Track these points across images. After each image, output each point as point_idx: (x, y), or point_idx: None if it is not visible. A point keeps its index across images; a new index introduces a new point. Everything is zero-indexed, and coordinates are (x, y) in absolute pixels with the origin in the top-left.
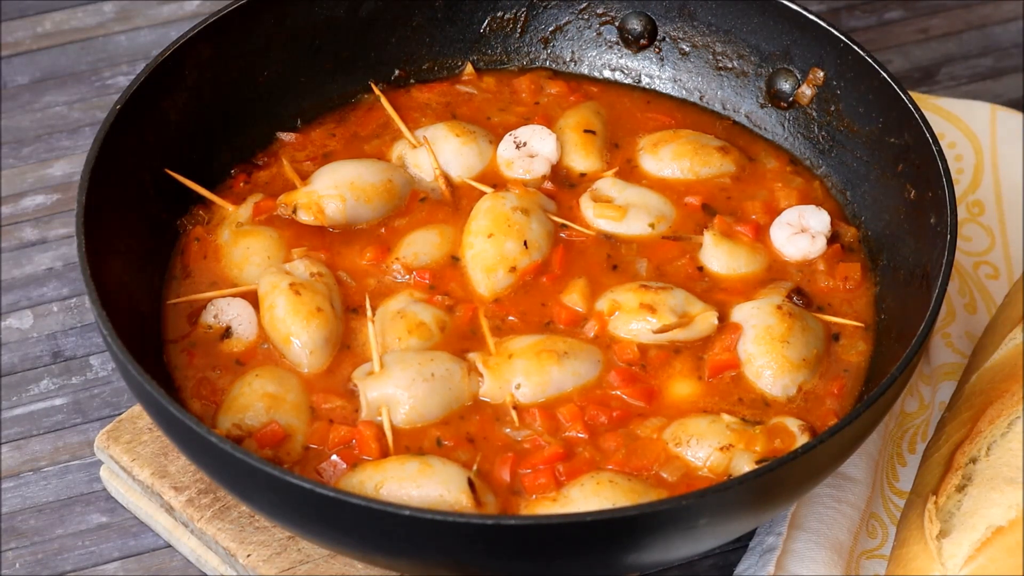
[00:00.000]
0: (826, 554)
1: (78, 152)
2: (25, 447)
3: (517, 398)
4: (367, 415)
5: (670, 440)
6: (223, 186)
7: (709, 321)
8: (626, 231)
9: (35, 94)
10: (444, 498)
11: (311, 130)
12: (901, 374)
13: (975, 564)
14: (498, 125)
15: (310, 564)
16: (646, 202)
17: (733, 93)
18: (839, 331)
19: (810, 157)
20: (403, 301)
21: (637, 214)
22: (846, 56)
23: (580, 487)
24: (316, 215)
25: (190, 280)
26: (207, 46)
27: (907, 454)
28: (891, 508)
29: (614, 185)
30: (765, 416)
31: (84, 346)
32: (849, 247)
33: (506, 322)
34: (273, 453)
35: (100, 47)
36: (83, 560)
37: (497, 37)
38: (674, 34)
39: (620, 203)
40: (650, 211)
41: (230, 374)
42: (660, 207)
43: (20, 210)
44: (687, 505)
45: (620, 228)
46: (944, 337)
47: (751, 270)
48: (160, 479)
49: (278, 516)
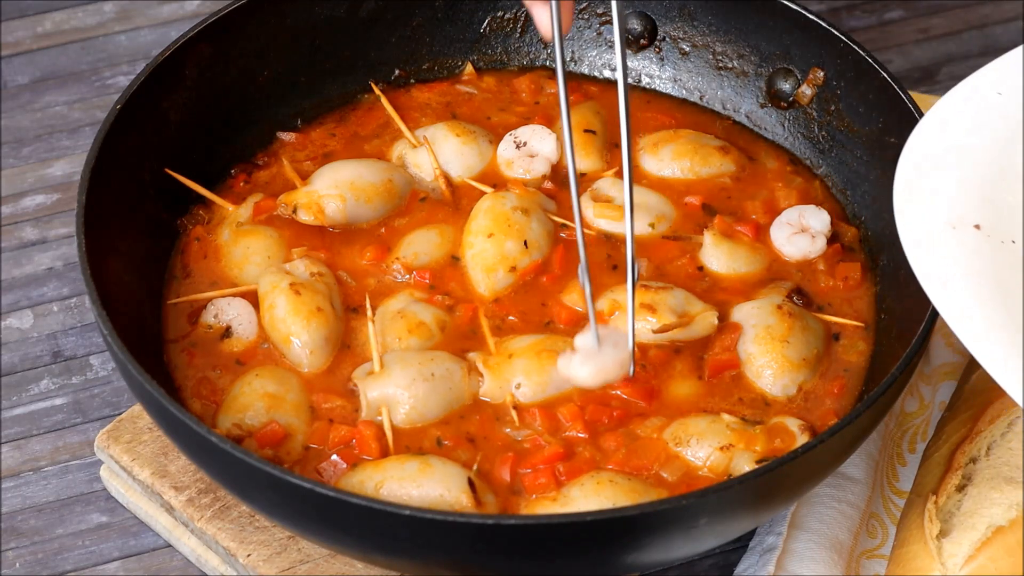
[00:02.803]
0: (826, 554)
1: (78, 152)
2: (25, 447)
3: (517, 398)
4: (367, 415)
5: (670, 440)
6: (223, 186)
7: (709, 321)
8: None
9: (35, 94)
10: (444, 498)
11: (311, 130)
12: (901, 374)
13: (975, 564)
14: (498, 125)
15: (310, 564)
16: (646, 202)
17: (733, 93)
18: (839, 331)
19: (810, 157)
20: (403, 301)
21: (637, 214)
22: (846, 56)
23: (580, 487)
24: (316, 215)
25: (190, 280)
26: (207, 46)
27: (907, 454)
28: (891, 508)
29: (614, 185)
30: (765, 416)
31: (84, 346)
32: (849, 247)
33: (506, 322)
34: (273, 453)
35: (100, 47)
36: (83, 560)
37: (497, 37)
38: (674, 34)
39: (620, 203)
40: (650, 211)
41: (230, 374)
42: (660, 207)
43: (20, 210)
44: (687, 505)
45: (620, 228)
46: (944, 337)
47: (751, 270)
48: (160, 479)
49: (278, 516)
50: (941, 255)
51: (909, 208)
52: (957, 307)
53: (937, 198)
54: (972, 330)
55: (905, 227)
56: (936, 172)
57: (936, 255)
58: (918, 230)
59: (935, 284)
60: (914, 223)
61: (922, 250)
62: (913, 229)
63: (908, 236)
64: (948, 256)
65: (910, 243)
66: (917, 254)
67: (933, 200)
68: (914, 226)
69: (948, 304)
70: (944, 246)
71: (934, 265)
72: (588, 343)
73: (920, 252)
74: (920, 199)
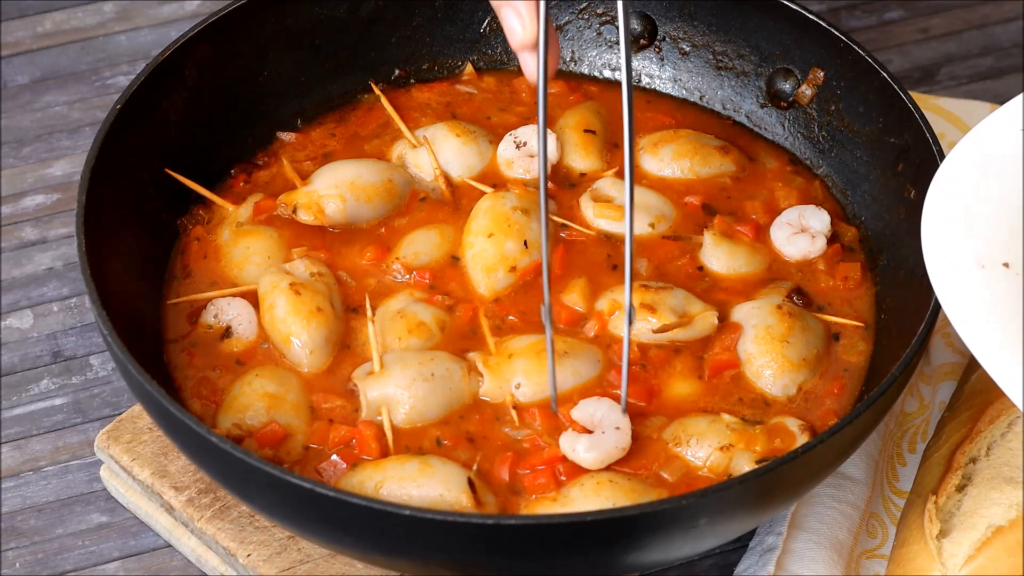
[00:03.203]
0: (826, 554)
1: (78, 152)
2: (25, 447)
3: (517, 398)
4: (367, 415)
5: (670, 440)
6: (223, 186)
7: (709, 321)
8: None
9: (35, 94)
10: (444, 498)
11: (311, 130)
12: (901, 374)
13: (975, 564)
14: (498, 125)
15: (310, 564)
16: (646, 202)
17: (733, 93)
18: (839, 331)
19: (810, 157)
20: (403, 301)
21: (637, 214)
22: (846, 56)
23: (580, 487)
24: (316, 215)
25: (190, 280)
26: (207, 46)
27: (907, 454)
28: (891, 508)
29: (614, 185)
30: (765, 416)
31: (84, 346)
32: (849, 247)
33: (506, 322)
34: (273, 453)
35: (100, 47)
36: (83, 560)
37: (497, 37)
38: (674, 34)
39: (620, 203)
40: (650, 211)
41: (230, 374)
42: (660, 207)
43: (20, 210)
44: (687, 505)
45: (620, 228)
46: (944, 337)
47: (751, 270)
48: (160, 479)
49: (278, 516)
50: (970, 293)
51: (937, 247)
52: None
53: (965, 237)
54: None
55: (934, 267)
56: (963, 212)
57: (966, 294)
58: (947, 269)
59: (964, 321)
60: (943, 263)
61: (952, 289)
62: (942, 269)
63: (938, 276)
64: (978, 295)
65: (940, 283)
66: (947, 294)
67: (961, 238)
68: (943, 266)
69: (982, 346)
70: (973, 284)
71: (964, 304)
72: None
73: (950, 291)
74: (948, 238)
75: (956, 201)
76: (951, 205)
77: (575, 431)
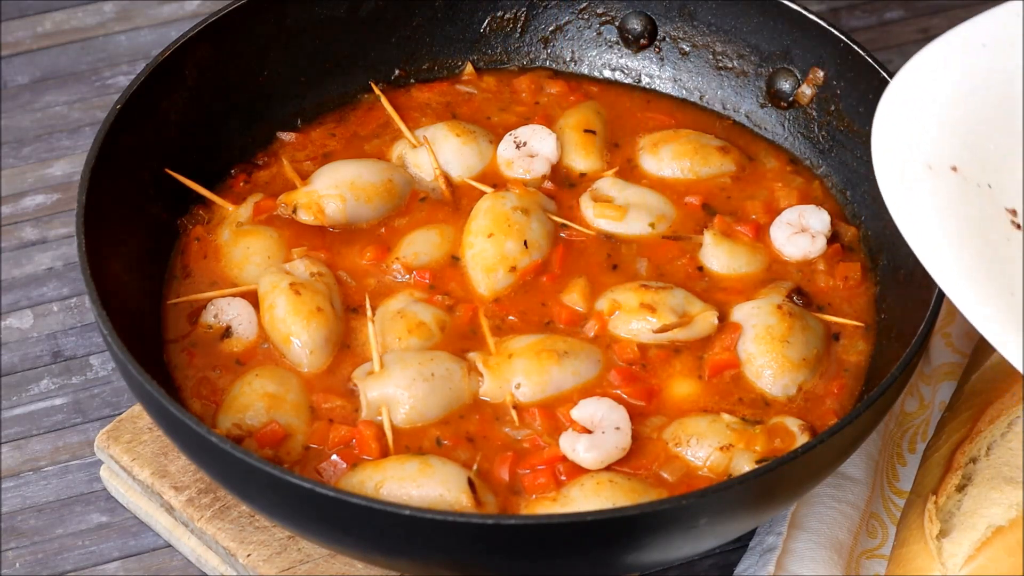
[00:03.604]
0: (826, 554)
1: (78, 152)
2: (25, 447)
3: (517, 398)
4: (367, 415)
5: (670, 440)
6: (223, 186)
7: (709, 321)
8: (626, 231)
9: (35, 94)
10: (444, 498)
11: (311, 130)
12: (901, 374)
13: (975, 564)
14: (498, 125)
15: (310, 564)
16: (646, 202)
17: (733, 93)
18: (839, 331)
19: (810, 157)
20: (403, 301)
21: (637, 214)
22: (846, 56)
23: (580, 487)
24: (316, 215)
25: (190, 280)
26: (207, 46)
27: (907, 454)
28: (891, 508)
29: (614, 185)
30: (765, 416)
31: (84, 346)
32: (849, 247)
33: (506, 322)
34: (273, 453)
35: (100, 47)
36: (83, 560)
37: (497, 37)
38: (674, 34)
39: (620, 203)
40: (650, 211)
41: (230, 374)
42: (660, 207)
43: (20, 210)
44: (687, 505)
45: (620, 228)
46: (944, 337)
47: (751, 270)
48: (160, 479)
49: (278, 516)
50: (917, 193)
51: (887, 147)
52: (931, 247)
53: (916, 139)
54: (943, 267)
55: (882, 166)
56: (917, 114)
57: (912, 193)
58: (895, 169)
59: (911, 224)
60: (892, 162)
61: (898, 188)
62: (890, 168)
63: (885, 175)
64: (923, 195)
65: (886, 181)
66: (893, 192)
67: (912, 140)
68: (891, 165)
69: (922, 244)
70: (920, 185)
71: (908, 202)
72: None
73: (896, 190)
74: (899, 139)
75: (909, 105)
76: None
77: (575, 431)
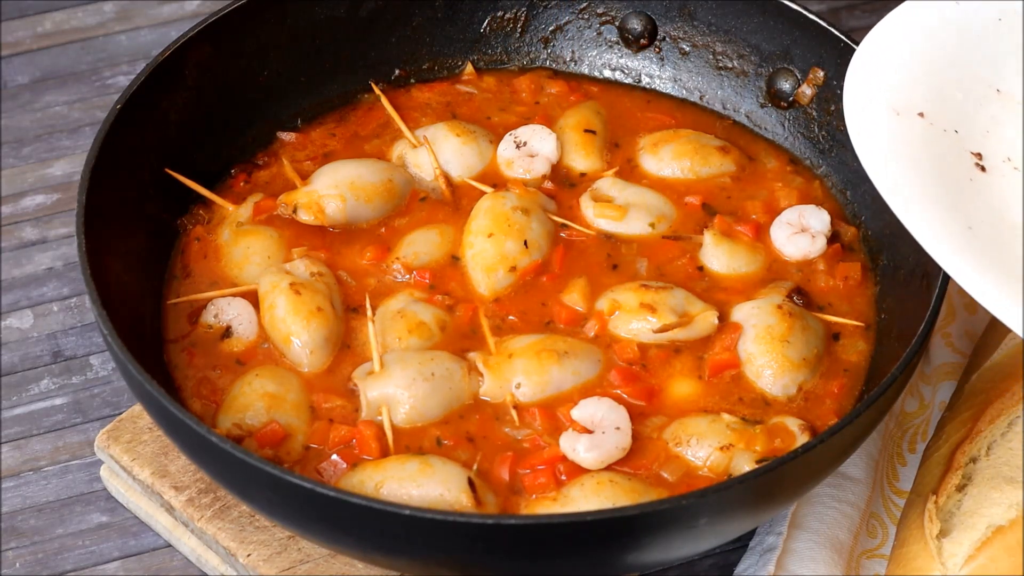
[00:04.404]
0: (826, 554)
1: (78, 152)
2: (25, 447)
3: (517, 397)
4: (367, 415)
5: (670, 440)
6: (223, 186)
7: (709, 321)
8: (626, 231)
9: (35, 94)
10: (444, 497)
11: (311, 130)
12: (901, 374)
13: (975, 564)
14: (498, 125)
15: (310, 564)
16: (646, 202)
17: (733, 93)
18: (839, 331)
19: (810, 157)
20: (403, 301)
21: (637, 214)
22: (846, 56)
23: (580, 487)
24: (316, 215)
25: (190, 280)
26: (207, 46)
27: (907, 454)
28: (891, 508)
29: (614, 185)
30: (765, 416)
31: (84, 346)
32: (849, 247)
33: (506, 322)
34: (273, 453)
35: (100, 47)
36: (83, 560)
37: (497, 37)
38: (674, 34)
39: (620, 203)
40: (650, 211)
41: (230, 374)
42: (660, 207)
43: (20, 210)
44: (687, 505)
45: (620, 228)
46: (944, 337)
47: (751, 270)
48: (160, 479)
49: (278, 516)
50: (882, 135)
51: (856, 95)
52: (894, 183)
53: (886, 85)
54: (907, 204)
55: (851, 109)
56: (889, 63)
57: (878, 135)
58: (864, 112)
59: (875, 162)
60: (860, 105)
61: (865, 129)
62: (859, 111)
63: (853, 117)
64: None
65: (854, 124)
66: (859, 134)
67: (881, 86)
68: (860, 108)
69: (885, 180)
70: (886, 128)
71: (875, 144)
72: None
73: (863, 132)
74: (869, 84)
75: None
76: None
77: (575, 431)
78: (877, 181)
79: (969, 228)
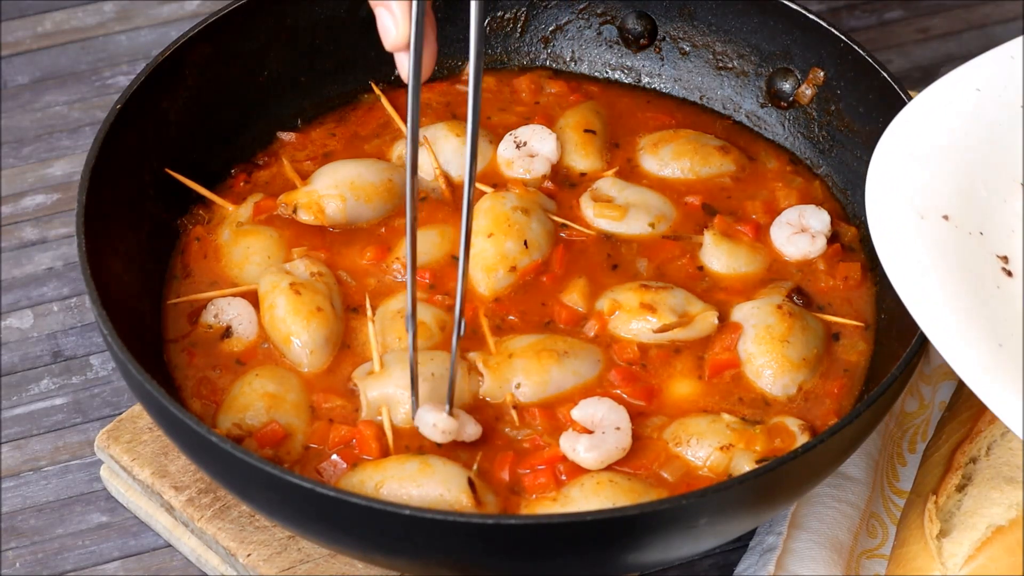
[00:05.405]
0: (826, 554)
1: (78, 152)
2: (25, 447)
3: (517, 397)
4: (367, 414)
5: (670, 440)
6: (223, 186)
7: (709, 321)
8: (626, 231)
9: (35, 94)
10: (444, 497)
11: (311, 130)
12: (901, 374)
13: (975, 563)
14: (498, 125)
15: (310, 564)
16: (646, 202)
17: (733, 93)
18: (839, 331)
19: (810, 157)
20: (403, 301)
21: (637, 214)
22: (846, 56)
23: (580, 487)
24: (316, 215)
25: (190, 280)
26: (207, 46)
27: (907, 454)
28: (891, 508)
29: (614, 185)
30: (765, 416)
31: (84, 346)
32: (849, 247)
33: (506, 321)
34: (273, 453)
35: (100, 47)
36: (83, 560)
37: (497, 37)
38: (674, 34)
39: (620, 203)
40: (650, 211)
41: (230, 374)
42: (660, 207)
43: (20, 210)
44: (687, 505)
45: (620, 228)
46: None
47: (751, 270)
48: (160, 479)
49: (278, 516)
50: (907, 242)
51: (880, 198)
52: (921, 295)
53: (909, 185)
54: (935, 321)
55: (874, 214)
56: (911, 163)
57: (902, 242)
58: (887, 217)
59: (901, 272)
60: (884, 210)
61: (889, 237)
62: (882, 216)
63: (876, 223)
64: (913, 243)
65: (878, 230)
66: (883, 241)
67: (905, 187)
68: (883, 213)
69: (912, 292)
70: (911, 234)
71: (899, 251)
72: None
73: (887, 239)
74: (892, 188)
75: (904, 151)
76: (897, 158)
77: (575, 431)
78: (903, 292)
79: (1000, 346)
